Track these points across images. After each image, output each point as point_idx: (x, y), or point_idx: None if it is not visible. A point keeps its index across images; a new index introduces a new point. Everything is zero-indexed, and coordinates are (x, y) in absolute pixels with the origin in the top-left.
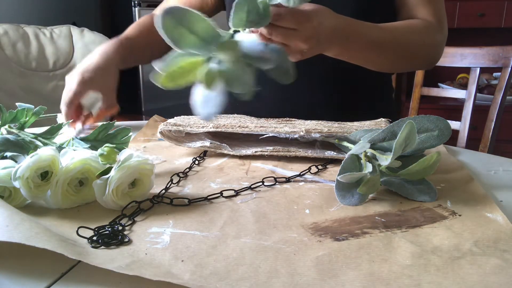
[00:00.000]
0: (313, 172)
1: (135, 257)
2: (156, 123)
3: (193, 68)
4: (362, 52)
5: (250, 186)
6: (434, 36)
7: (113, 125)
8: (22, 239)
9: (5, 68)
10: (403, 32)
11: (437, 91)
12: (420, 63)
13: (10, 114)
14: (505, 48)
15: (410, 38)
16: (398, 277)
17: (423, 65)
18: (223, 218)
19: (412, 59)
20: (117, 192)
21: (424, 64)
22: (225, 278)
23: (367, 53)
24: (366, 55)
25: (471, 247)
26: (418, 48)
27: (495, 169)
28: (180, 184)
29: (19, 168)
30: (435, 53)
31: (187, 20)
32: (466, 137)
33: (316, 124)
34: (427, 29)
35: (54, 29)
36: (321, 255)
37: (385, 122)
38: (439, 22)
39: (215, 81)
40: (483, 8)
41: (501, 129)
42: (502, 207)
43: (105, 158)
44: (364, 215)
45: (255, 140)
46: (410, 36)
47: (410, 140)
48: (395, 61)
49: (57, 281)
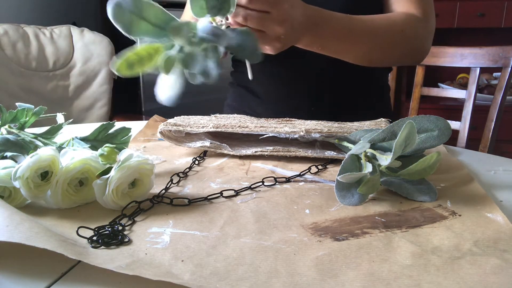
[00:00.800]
0: (313, 172)
1: (135, 257)
2: (156, 123)
3: (151, 55)
4: (333, 41)
5: (250, 186)
6: (416, 28)
7: (113, 125)
8: (22, 239)
9: (5, 68)
10: (378, 22)
11: (437, 91)
12: (402, 55)
13: (10, 114)
14: (505, 48)
15: (387, 28)
16: (398, 277)
17: (407, 58)
18: (223, 218)
19: (390, 51)
20: (117, 192)
21: (408, 58)
22: (225, 278)
23: (339, 42)
24: (338, 44)
25: (471, 247)
26: (396, 39)
27: (495, 169)
28: (180, 184)
29: (19, 168)
30: (419, 45)
31: (136, 7)
32: (466, 137)
33: (316, 124)
34: (408, 20)
35: (54, 29)
36: (321, 255)
37: (385, 122)
38: (424, 15)
39: (173, 66)
40: (483, 8)
41: (501, 129)
42: (502, 207)
43: (105, 158)
44: (364, 215)
45: (255, 140)
46: (387, 26)
47: (410, 140)
48: (371, 52)
49: (57, 281)
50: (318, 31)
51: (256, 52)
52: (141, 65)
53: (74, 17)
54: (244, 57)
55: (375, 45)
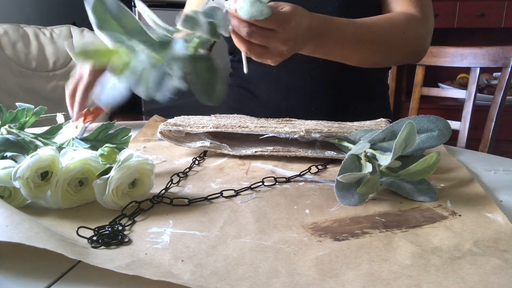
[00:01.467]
0: (313, 172)
1: (135, 257)
2: (156, 123)
3: (109, 53)
4: (335, 49)
5: (250, 186)
6: (416, 28)
7: (113, 125)
8: (22, 239)
9: (5, 68)
10: (381, 26)
11: (437, 91)
12: (403, 56)
13: (10, 114)
14: (505, 48)
15: (389, 32)
16: (398, 277)
17: (407, 58)
18: (223, 218)
19: (393, 53)
20: (117, 192)
21: (409, 58)
22: (225, 278)
23: (342, 49)
24: (341, 51)
25: (471, 247)
26: (398, 41)
27: (495, 169)
28: (180, 184)
29: (19, 168)
30: (419, 45)
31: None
32: (466, 137)
33: (316, 124)
34: (408, 22)
35: (54, 29)
36: (321, 255)
37: (385, 122)
38: (422, 14)
39: (124, 71)
40: (483, 8)
41: (501, 129)
42: (502, 207)
43: (105, 158)
44: (364, 215)
45: (255, 140)
46: (389, 30)
47: (410, 140)
48: (374, 56)
49: (57, 281)
50: (322, 41)
51: (216, 96)
52: (97, 58)
53: (74, 17)
54: (200, 96)
55: (378, 49)
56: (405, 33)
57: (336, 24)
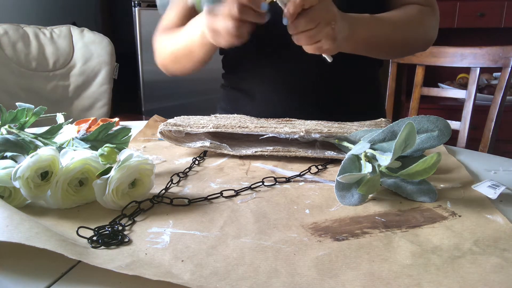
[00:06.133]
0: (313, 172)
1: (135, 257)
2: (156, 123)
3: None
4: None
5: (250, 186)
6: (429, 20)
7: (113, 125)
8: (22, 239)
9: (5, 68)
10: (401, 24)
11: (437, 91)
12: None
13: (10, 114)
14: (505, 48)
15: (409, 28)
16: (398, 277)
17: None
18: (223, 218)
19: (411, 46)
20: (117, 192)
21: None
22: (225, 278)
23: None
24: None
25: (471, 247)
26: (416, 35)
27: (495, 169)
28: (180, 184)
29: (19, 168)
30: (432, 35)
31: None
32: (466, 137)
33: (316, 124)
34: (423, 16)
35: (54, 29)
36: (321, 255)
37: (385, 122)
38: (430, 5)
39: None
40: (483, 8)
41: (501, 129)
42: (501, 207)
43: (105, 158)
44: (364, 215)
45: (255, 140)
46: (409, 27)
47: (410, 141)
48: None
49: (57, 281)
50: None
51: None
52: None
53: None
54: None
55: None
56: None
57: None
